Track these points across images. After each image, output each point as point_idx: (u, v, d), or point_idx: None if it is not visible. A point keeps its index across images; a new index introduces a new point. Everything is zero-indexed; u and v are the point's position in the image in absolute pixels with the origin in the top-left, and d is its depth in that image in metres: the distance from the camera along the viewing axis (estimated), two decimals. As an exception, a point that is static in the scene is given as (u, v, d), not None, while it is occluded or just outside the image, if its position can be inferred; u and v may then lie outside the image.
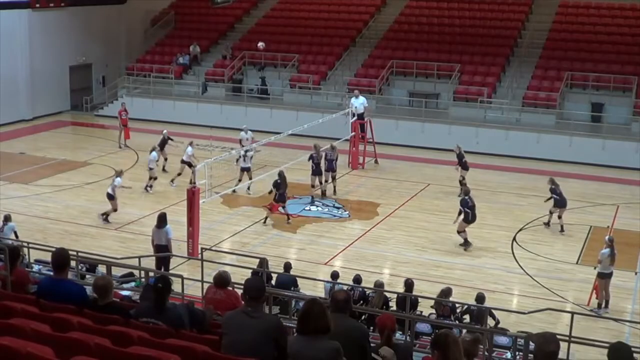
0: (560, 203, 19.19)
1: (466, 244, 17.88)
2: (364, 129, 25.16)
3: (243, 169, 21.96)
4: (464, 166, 22.09)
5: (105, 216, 19.37)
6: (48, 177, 23.68)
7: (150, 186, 22.05)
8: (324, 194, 22.18)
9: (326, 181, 22.32)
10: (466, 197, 17.90)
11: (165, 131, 24.60)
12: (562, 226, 19.20)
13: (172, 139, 24.27)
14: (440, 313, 12.79)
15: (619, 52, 29.40)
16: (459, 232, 17.92)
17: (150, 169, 22.05)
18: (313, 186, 21.94)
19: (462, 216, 17.77)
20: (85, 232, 18.78)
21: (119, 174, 19.77)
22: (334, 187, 22.36)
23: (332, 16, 34.98)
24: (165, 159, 24.07)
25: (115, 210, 19.38)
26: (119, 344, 5.62)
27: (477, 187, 22.67)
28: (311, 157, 21.77)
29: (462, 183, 21.99)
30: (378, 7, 35.06)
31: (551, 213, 19.43)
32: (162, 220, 15.44)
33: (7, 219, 16.49)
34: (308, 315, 5.41)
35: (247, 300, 6.01)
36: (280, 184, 19.51)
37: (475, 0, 33.76)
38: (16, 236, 16.33)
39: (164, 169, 23.71)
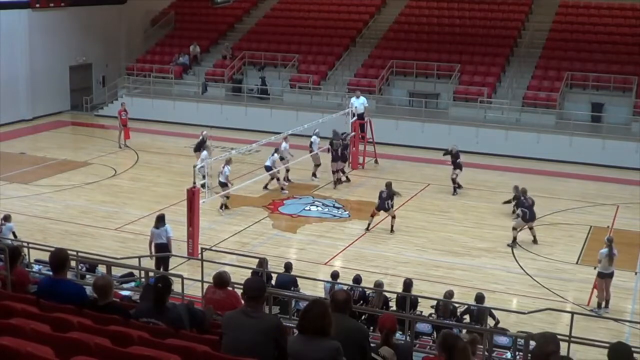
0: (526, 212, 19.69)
1: (514, 243, 18.08)
2: (364, 129, 25.17)
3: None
4: (458, 165, 22.10)
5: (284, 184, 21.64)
6: (48, 177, 23.65)
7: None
8: (339, 181, 22.60)
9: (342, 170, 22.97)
10: (522, 198, 18.25)
11: (205, 132, 23.59)
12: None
13: (206, 148, 22.74)
14: (441, 314, 12.80)
15: (619, 52, 29.38)
16: (513, 229, 18.22)
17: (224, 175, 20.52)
18: (334, 172, 22.56)
19: (519, 216, 18.18)
20: (85, 232, 18.77)
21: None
22: (336, 181, 22.71)
23: (332, 16, 34.96)
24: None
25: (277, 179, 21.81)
26: (119, 344, 5.62)
27: (477, 187, 22.72)
28: (331, 144, 22.16)
29: (454, 181, 22.06)
30: (378, 7, 35.04)
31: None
32: (160, 220, 15.49)
33: (6, 219, 16.47)
34: (309, 315, 5.41)
35: (246, 300, 6.01)
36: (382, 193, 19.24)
37: (475, 0, 33.77)
38: (15, 236, 16.32)
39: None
